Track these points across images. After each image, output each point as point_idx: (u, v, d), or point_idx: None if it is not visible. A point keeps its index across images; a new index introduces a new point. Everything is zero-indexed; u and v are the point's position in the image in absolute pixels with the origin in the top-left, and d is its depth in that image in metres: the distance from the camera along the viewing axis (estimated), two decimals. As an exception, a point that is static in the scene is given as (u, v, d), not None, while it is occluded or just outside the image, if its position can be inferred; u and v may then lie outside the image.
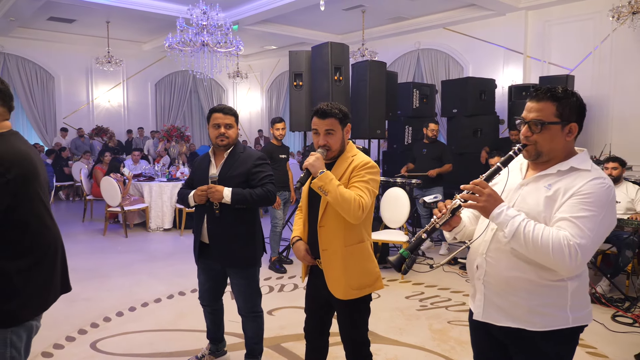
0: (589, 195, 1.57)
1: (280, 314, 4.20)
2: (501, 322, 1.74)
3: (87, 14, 10.13)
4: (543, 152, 1.68)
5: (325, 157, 2.27)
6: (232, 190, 2.75)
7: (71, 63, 12.75)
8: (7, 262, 1.75)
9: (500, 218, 1.62)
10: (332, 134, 2.29)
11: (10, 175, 1.71)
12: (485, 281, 1.78)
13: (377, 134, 6.09)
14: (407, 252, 1.74)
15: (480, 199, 1.64)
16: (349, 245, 2.30)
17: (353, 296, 2.30)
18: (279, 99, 14.82)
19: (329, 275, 2.33)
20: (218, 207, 2.80)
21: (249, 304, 2.97)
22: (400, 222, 5.48)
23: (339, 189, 2.12)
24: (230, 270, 2.93)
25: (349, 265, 2.30)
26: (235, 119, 2.91)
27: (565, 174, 1.65)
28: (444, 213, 1.73)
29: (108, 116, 13.52)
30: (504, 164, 1.69)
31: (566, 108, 1.66)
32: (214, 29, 7.88)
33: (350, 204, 2.12)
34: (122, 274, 5.32)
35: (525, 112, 1.71)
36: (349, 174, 2.27)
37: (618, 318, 4.02)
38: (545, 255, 1.55)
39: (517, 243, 1.60)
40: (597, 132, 8.07)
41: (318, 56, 5.82)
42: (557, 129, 1.65)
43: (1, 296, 1.76)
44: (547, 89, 1.67)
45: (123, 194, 7.25)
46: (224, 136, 2.85)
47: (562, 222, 1.58)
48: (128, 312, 4.21)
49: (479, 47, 9.64)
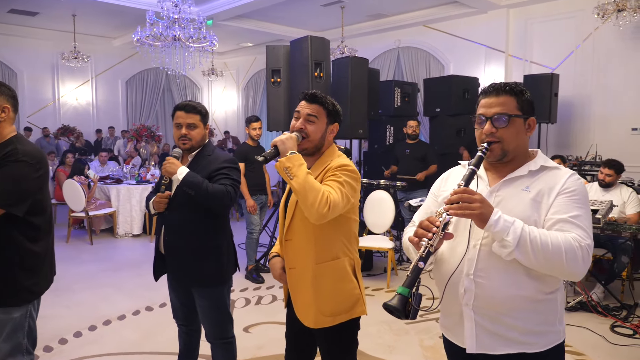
0: (575, 192, 1.49)
1: (257, 331, 3.85)
2: (498, 350, 1.53)
3: (51, 7, 9.56)
4: (509, 151, 1.56)
5: (299, 148, 1.90)
6: (189, 172, 2.40)
7: (35, 59, 12.06)
8: (32, 244, 2.10)
9: (499, 225, 1.40)
10: (314, 121, 1.96)
11: (41, 171, 2.09)
12: (476, 306, 1.52)
13: (360, 134, 5.78)
14: (407, 290, 1.38)
15: (475, 206, 1.41)
16: (320, 263, 1.94)
17: (326, 324, 1.95)
18: (255, 97, 14.43)
19: (297, 299, 1.99)
20: (168, 182, 2.46)
21: (216, 330, 2.57)
22: (385, 227, 5.19)
23: (309, 177, 1.76)
24: (193, 289, 2.55)
25: (320, 286, 1.94)
26: (202, 117, 2.52)
27: (537, 173, 1.56)
28: (434, 233, 1.43)
29: (76, 115, 12.87)
30: (476, 166, 1.53)
31: (525, 102, 1.58)
32: (186, 23, 7.45)
33: (317, 194, 1.73)
34: (84, 287, 4.88)
35: (483, 109, 1.60)
36: (323, 176, 1.93)
37: (617, 329, 3.80)
38: (557, 263, 1.39)
39: (522, 252, 1.40)
40: (580, 132, 7.95)
41: (297, 51, 5.48)
42: (520, 123, 1.56)
43: (28, 274, 2.09)
44: (503, 83, 1.59)
45: (88, 198, 6.77)
46: (185, 138, 2.47)
47: (561, 223, 1.45)
48: (87, 332, 3.80)
49: (460, 45, 9.45)
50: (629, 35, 7.30)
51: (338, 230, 1.97)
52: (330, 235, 1.95)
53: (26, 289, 2.07)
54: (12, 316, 2.05)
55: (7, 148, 2.01)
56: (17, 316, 2.07)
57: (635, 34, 7.26)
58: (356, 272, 2.04)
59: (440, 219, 1.45)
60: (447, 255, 1.61)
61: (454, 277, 1.56)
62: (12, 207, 1.97)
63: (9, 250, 2.03)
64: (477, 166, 1.53)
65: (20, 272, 2.05)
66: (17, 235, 2.04)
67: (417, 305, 1.38)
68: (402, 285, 1.40)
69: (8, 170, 1.96)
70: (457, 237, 1.58)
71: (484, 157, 1.55)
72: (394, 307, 1.37)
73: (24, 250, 2.06)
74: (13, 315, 2.06)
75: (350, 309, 1.98)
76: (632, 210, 4.42)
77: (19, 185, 1.98)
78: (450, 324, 1.67)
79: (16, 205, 1.98)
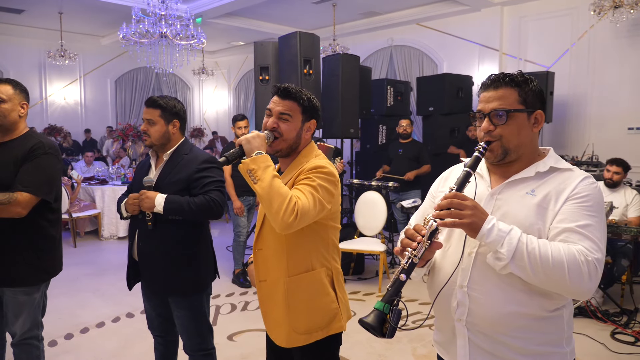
0: (587, 198, 1.30)
1: (242, 339, 3.66)
2: None
3: (37, 4, 9.33)
4: (510, 149, 1.37)
5: (269, 144, 1.72)
6: (166, 198, 2.20)
7: (22, 57, 11.81)
8: (52, 229, 2.35)
9: (492, 235, 1.24)
10: (287, 120, 1.75)
11: (61, 161, 2.42)
12: (469, 322, 1.36)
13: (351, 133, 5.61)
14: (386, 306, 1.23)
15: (465, 214, 1.25)
16: (293, 275, 1.76)
17: (299, 342, 1.77)
18: (247, 97, 14.23)
19: (268, 315, 1.82)
20: (150, 217, 2.25)
21: (195, 341, 2.39)
22: (377, 229, 5.02)
23: (275, 181, 1.56)
24: (169, 299, 2.37)
25: (293, 301, 1.76)
26: (163, 112, 2.31)
27: (546, 175, 1.37)
28: (419, 242, 1.28)
29: (64, 114, 12.62)
30: (472, 168, 1.35)
31: (529, 93, 1.38)
32: (173, 20, 7.25)
33: (283, 200, 1.53)
34: (64, 292, 4.67)
35: (482, 104, 1.41)
36: (294, 179, 1.73)
37: (618, 335, 3.65)
38: (559, 279, 1.22)
39: (518, 266, 1.24)
40: (575, 131, 7.84)
41: (286, 47, 5.31)
42: (523, 118, 1.37)
43: (47, 257, 2.33)
44: (503, 74, 1.41)
45: (71, 199, 6.56)
46: (145, 134, 2.31)
47: (567, 233, 1.27)
48: (63, 341, 3.61)
49: (454, 43, 9.32)
50: (624, 33, 7.19)
51: (313, 239, 1.77)
52: (304, 244, 1.76)
53: (44, 270, 2.33)
54: (33, 297, 2.32)
55: (30, 142, 2.27)
56: (37, 296, 2.34)
57: (631, 32, 7.14)
58: (335, 283, 1.84)
59: (427, 227, 1.29)
60: (440, 264, 1.45)
61: (446, 289, 1.39)
62: (47, 195, 2.26)
63: (34, 235, 2.28)
64: (473, 168, 1.35)
65: (42, 255, 2.31)
66: (41, 221, 2.29)
67: (395, 322, 1.23)
68: (380, 300, 1.25)
69: (40, 162, 2.24)
70: (452, 243, 1.43)
71: (482, 157, 1.38)
72: (370, 324, 1.22)
73: (46, 234, 2.32)
74: (34, 296, 2.32)
75: (327, 325, 1.80)
76: (635, 213, 4.27)
77: (50, 175, 2.28)
78: (442, 340, 1.51)
79: (50, 193, 2.28)
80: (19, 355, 2.38)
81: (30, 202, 2.19)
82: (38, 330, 2.41)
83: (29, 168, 2.21)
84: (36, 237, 2.28)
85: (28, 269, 2.27)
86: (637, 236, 3.76)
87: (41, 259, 2.30)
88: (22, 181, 2.18)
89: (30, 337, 2.37)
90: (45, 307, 2.48)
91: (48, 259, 2.34)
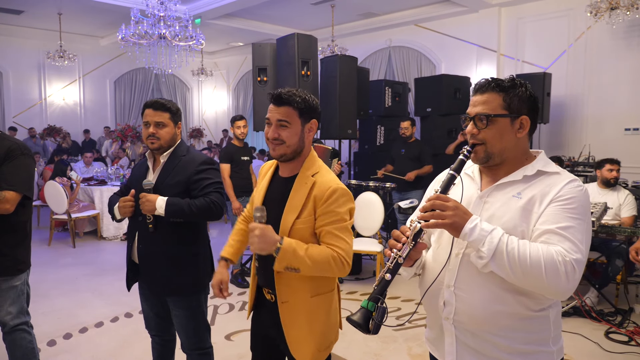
0: (571, 200, 1.32)
1: (239, 339, 3.69)
2: None
3: (36, 5, 9.37)
4: (494, 154, 1.42)
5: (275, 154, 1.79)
6: (167, 200, 2.23)
7: (21, 58, 11.84)
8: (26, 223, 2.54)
9: (474, 235, 1.28)
10: (286, 126, 1.76)
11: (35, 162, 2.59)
12: (456, 321, 1.41)
13: (348, 134, 5.64)
14: (372, 304, 1.31)
15: (447, 214, 1.31)
16: (315, 296, 1.79)
17: (322, 359, 1.83)
18: (246, 97, 14.25)
19: (291, 335, 1.80)
20: (152, 220, 2.28)
21: (193, 340, 2.43)
22: (374, 230, 5.05)
23: (308, 255, 1.64)
24: (168, 299, 2.41)
25: (315, 321, 1.79)
26: (171, 115, 2.35)
27: (533, 179, 1.40)
28: (404, 243, 1.34)
29: (63, 115, 12.64)
30: (457, 171, 1.41)
31: (514, 98, 1.41)
32: (172, 21, 7.28)
33: (330, 266, 1.67)
34: (63, 292, 4.70)
35: (469, 108, 1.47)
36: (311, 208, 1.73)
37: (612, 335, 3.68)
38: (537, 278, 1.25)
39: (498, 265, 1.28)
40: (572, 132, 7.87)
41: (283, 49, 5.34)
42: (505, 123, 1.40)
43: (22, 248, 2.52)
44: (492, 79, 1.45)
45: (70, 200, 6.58)
46: (154, 137, 2.31)
47: (548, 235, 1.30)
48: (62, 341, 3.63)
49: (452, 44, 9.36)
50: (621, 34, 7.22)
51: None
52: None
53: (22, 261, 2.52)
54: (14, 284, 2.50)
55: (5, 143, 2.42)
56: (19, 284, 2.52)
57: (627, 33, 7.18)
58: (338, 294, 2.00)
59: (412, 228, 1.35)
60: (430, 264, 1.51)
61: (435, 289, 1.45)
62: (29, 192, 2.47)
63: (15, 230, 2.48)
64: (457, 171, 1.40)
65: (19, 248, 2.50)
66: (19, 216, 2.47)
67: (379, 320, 1.31)
68: (367, 299, 1.33)
69: (19, 162, 2.42)
70: (442, 244, 1.48)
71: (466, 160, 1.42)
72: (356, 322, 1.31)
73: (23, 228, 2.52)
74: (15, 283, 2.50)
75: (335, 336, 1.91)
76: (627, 213, 4.31)
77: (30, 174, 2.49)
78: (432, 338, 1.57)
79: (30, 189, 2.49)
80: (13, 344, 2.52)
81: (16, 199, 2.39)
82: (26, 317, 2.56)
83: (11, 168, 2.40)
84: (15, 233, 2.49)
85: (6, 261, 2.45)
86: (632, 236, 3.79)
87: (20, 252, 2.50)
88: (8, 180, 2.36)
89: (20, 324, 2.52)
90: (29, 295, 2.63)
91: (23, 250, 2.54)
